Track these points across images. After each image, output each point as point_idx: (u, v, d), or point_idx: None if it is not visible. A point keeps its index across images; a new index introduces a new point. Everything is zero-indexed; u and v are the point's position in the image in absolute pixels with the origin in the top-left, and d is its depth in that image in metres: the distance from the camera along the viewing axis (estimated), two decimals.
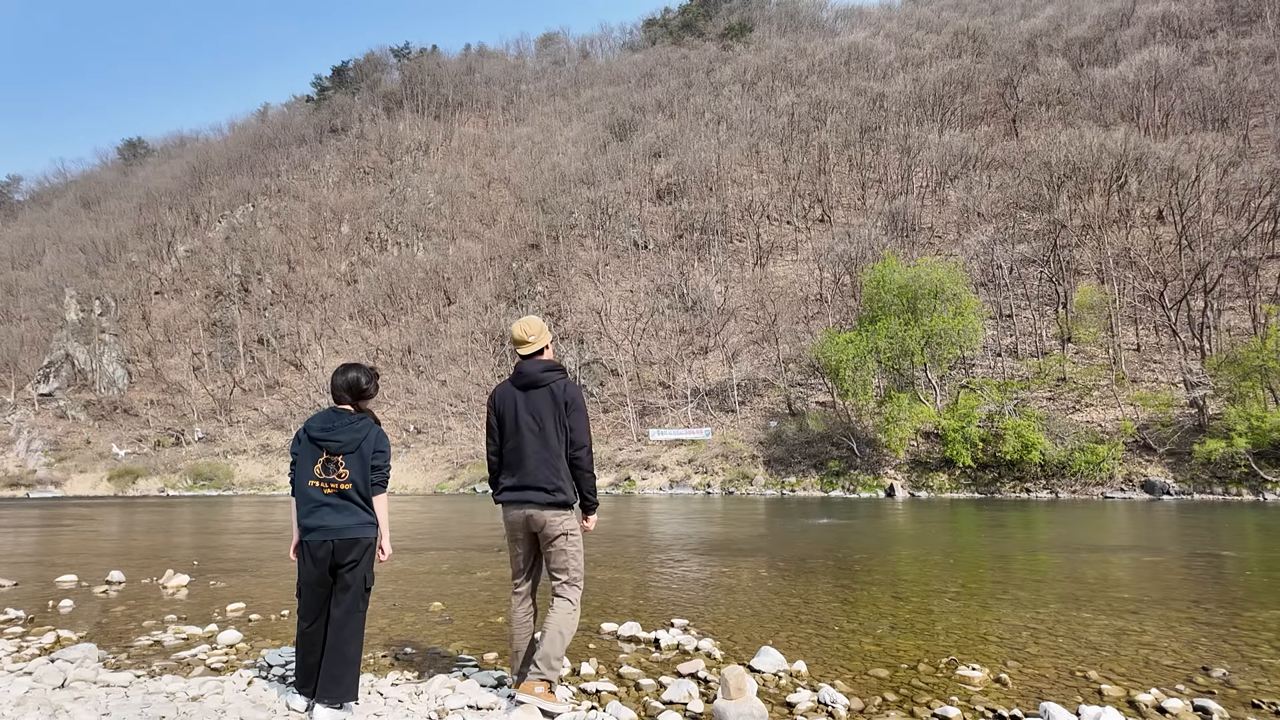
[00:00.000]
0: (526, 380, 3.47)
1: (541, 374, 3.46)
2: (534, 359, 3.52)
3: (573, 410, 3.43)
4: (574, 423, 3.43)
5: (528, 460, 3.40)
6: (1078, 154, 48.16)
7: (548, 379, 3.46)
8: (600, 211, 66.83)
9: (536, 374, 3.46)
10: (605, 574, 7.86)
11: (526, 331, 3.51)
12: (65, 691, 3.52)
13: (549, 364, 3.50)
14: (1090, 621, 5.23)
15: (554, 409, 3.41)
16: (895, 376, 35.46)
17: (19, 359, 65.92)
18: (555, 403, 3.42)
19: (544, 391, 3.44)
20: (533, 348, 3.52)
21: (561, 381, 3.47)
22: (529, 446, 3.40)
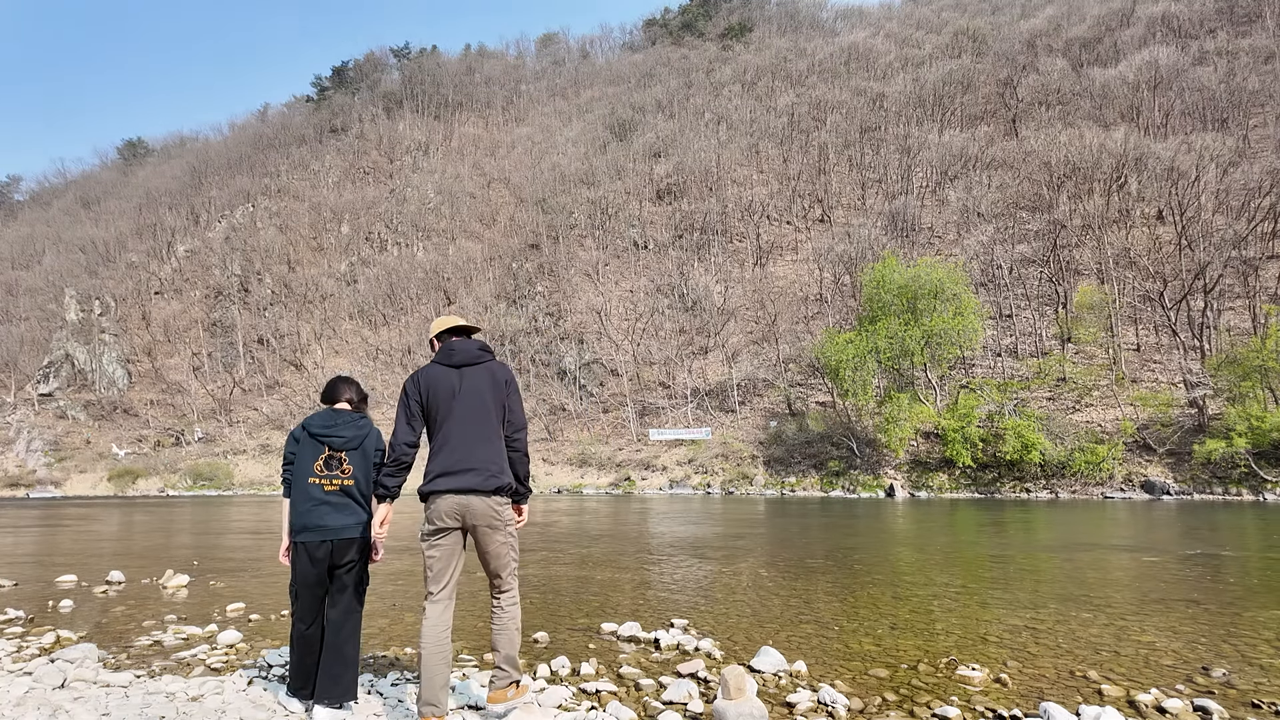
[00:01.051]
0: (462, 358, 3.22)
1: (478, 352, 3.25)
2: (467, 339, 3.32)
3: (512, 390, 3.23)
4: (513, 403, 3.21)
5: (467, 442, 3.09)
6: (1078, 154, 48.17)
7: (484, 357, 3.26)
8: (600, 211, 66.84)
9: (474, 351, 3.24)
10: (605, 574, 7.86)
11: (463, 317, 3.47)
12: (65, 691, 3.52)
13: (483, 344, 3.31)
14: (1090, 621, 5.23)
15: (493, 387, 3.18)
16: (895, 376, 35.46)
17: (19, 359, 65.90)
18: (494, 381, 3.19)
19: (482, 370, 3.21)
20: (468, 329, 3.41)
21: (496, 362, 3.29)
22: (468, 428, 3.11)
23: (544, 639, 4.73)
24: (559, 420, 48.77)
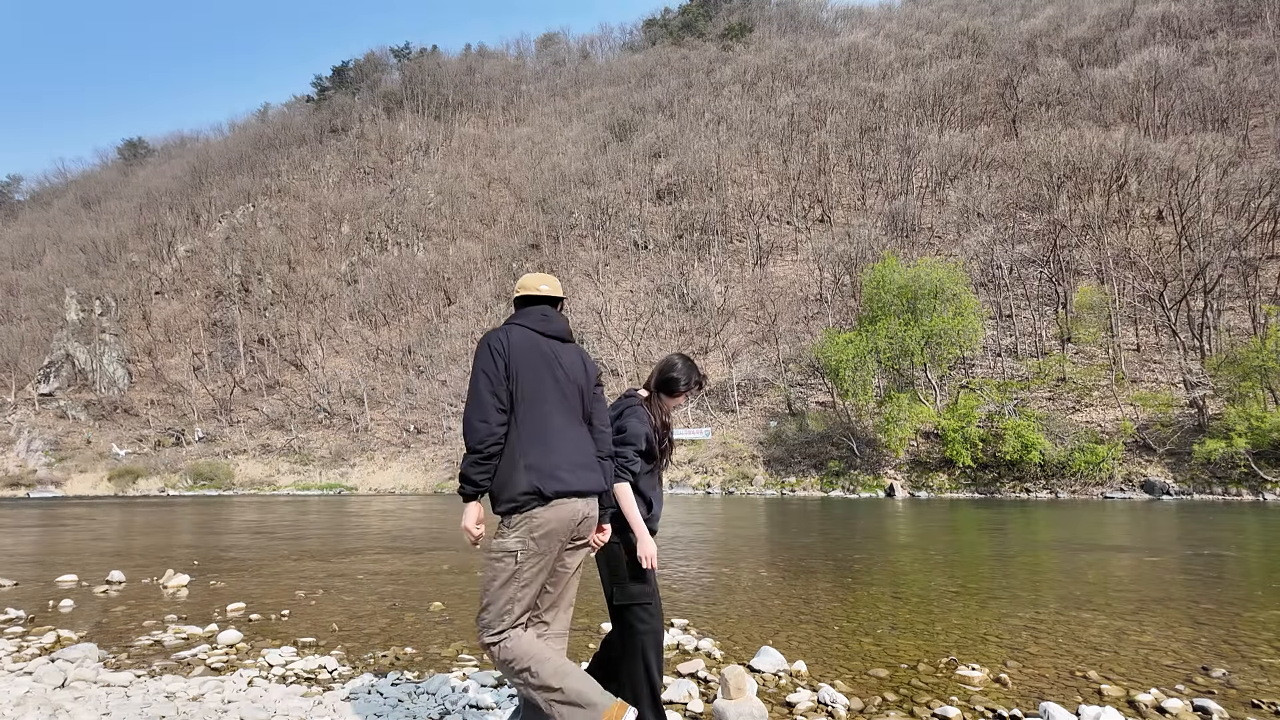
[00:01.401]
0: (558, 330, 2.63)
1: (569, 331, 2.72)
2: (558, 311, 2.73)
3: (599, 388, 2.70)
4: (600, 393, 2.70)
5: (571, 435, 2.53)
6: (1078, 154, 48.18)
7: (583, 357, 2.72)
8: (600, 211, 66.86)
9: (566, 328, 2.69)
10: None
11: (556, 285, 2.73)
12: (65, 691, 3.52)
13: (567, 329, 2.74)
14: (1090, 621, 5.23)
15: (585, 377, 2.63)
16: (895, 376, 35.47)
17: (19, 359, 65.94)
18: (587, 370, 2.65)
19: (574, 350, 2.66)
20: (553, 295, 2.72)
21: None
22: (572, 416, 2.56)
23: None
24: None
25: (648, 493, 2.88)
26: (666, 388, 2.99)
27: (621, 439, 2.79)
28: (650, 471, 2.89)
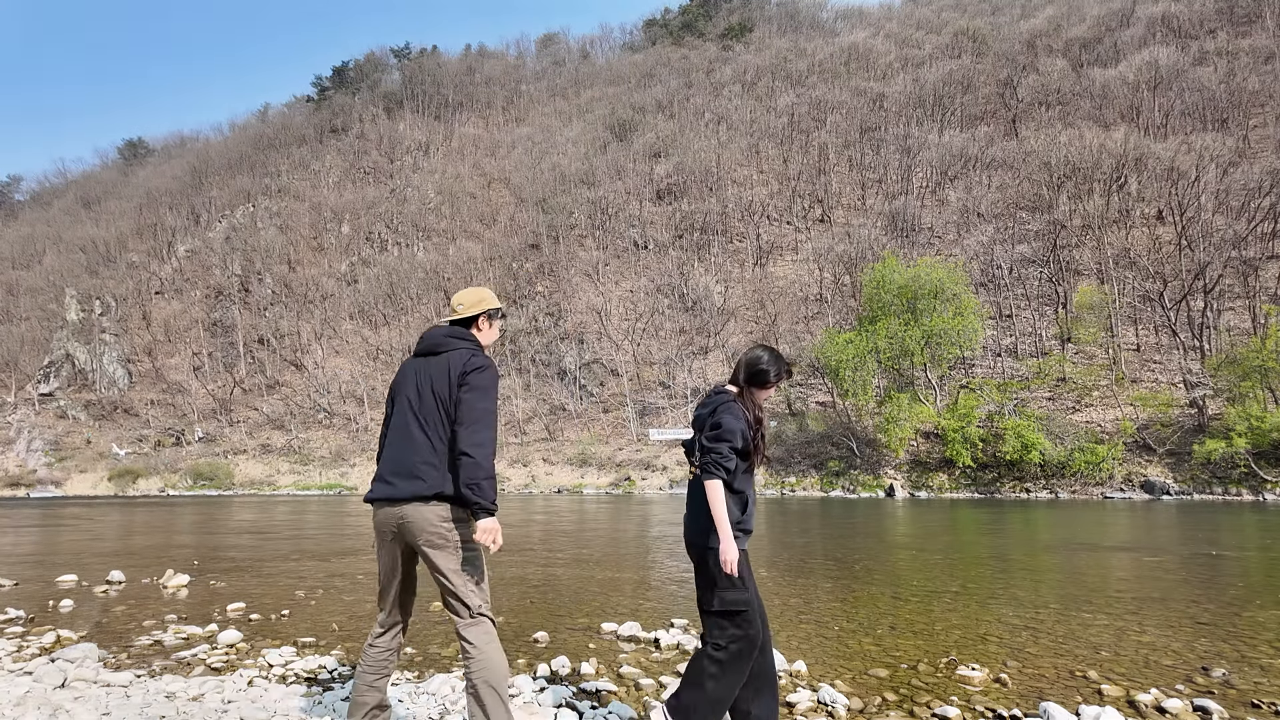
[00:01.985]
0: (425, 346, 2.83)
1: (444, 339, 2.81)
2: (451, 326, 2.88)
3: (466, 386, 2.67)
4: (464, 396, 2.65)
5: (400, 446, 2.69)
6: (1078, 154, 48.16)
7: (449, 345, 2.79)
8: (600, 211, 66.85)
9: (438, 339, 2.81)
10: (605, 574, 7.86)
11: (460, 299, 2.92)
12: (65, 691, 3.52)
13: (461, 332, 2.85)
14: (1090, 621, 5.24)
15: (446, 380, 2.69)
16: (895, 376, 35.47)
17: (19, 359, 65.92)
18: (449, 372, 2.69)
19: (441, 360, 2.75)
20: (458, 316, 2.90)
21: (466, 352, 2.76)
22: (406, 430, 2.70)
23: (544, 639, 4.73)
24: (559, 420, 48.79)
25: (745, 490, 2.81)
26: (757, 381, 2.92)
27: (717, 435, 2.73)
28: (747, 470, 2.84)
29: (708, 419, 2.83)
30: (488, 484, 2.56)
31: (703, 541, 2.77)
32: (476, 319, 2.93)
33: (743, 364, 2.96)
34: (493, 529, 2.58)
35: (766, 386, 2.94)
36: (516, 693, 3.50)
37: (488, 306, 2.93)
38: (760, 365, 2.92)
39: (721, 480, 2.68)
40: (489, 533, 2.57)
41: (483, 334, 2.95)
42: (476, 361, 2.73)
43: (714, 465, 2.69)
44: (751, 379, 2.93)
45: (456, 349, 2.79)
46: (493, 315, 2.97)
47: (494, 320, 2.99)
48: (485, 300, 2.94)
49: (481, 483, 2.55)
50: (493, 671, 2.58)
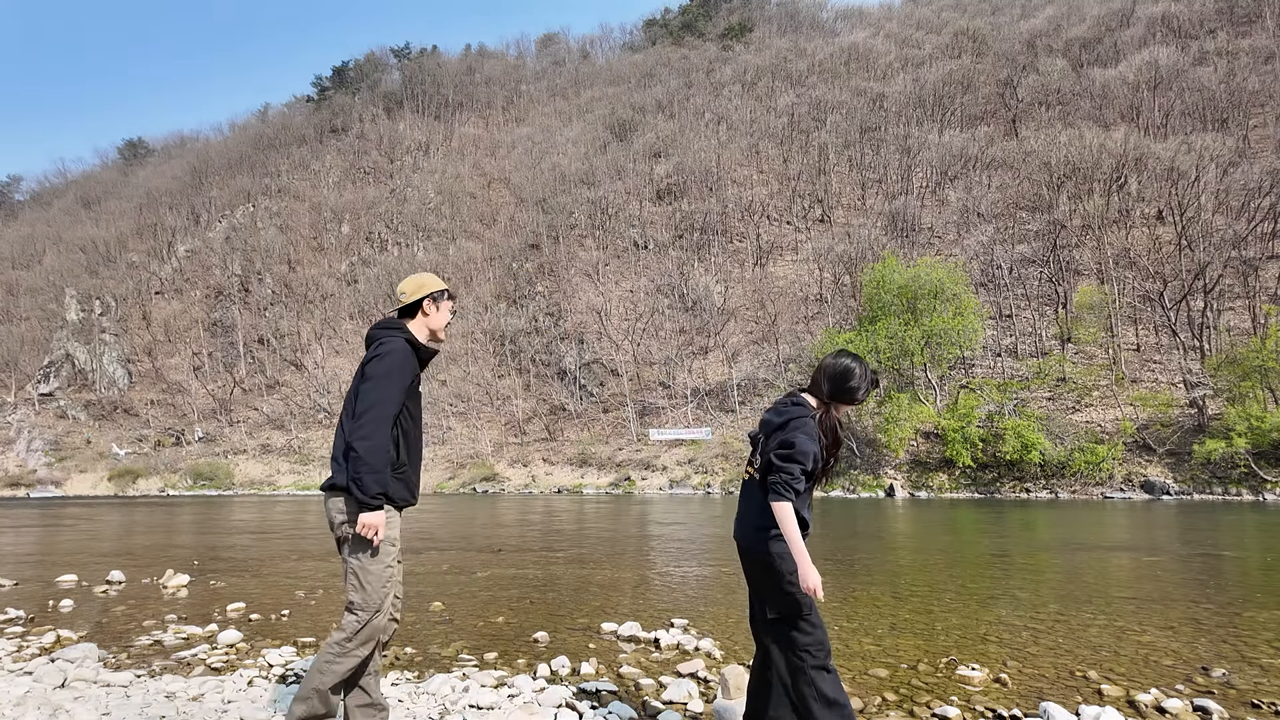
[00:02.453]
0: (368, 339, 2.87)
1: (373, 330, 2.83)
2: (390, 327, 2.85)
3: (363, 377, 2.68)
4: (360, 388, 2.65)
5: (337, 434, 2.75)
6: (1078, 154, 48.16)
7: (373, 336, 2.81)
8: (600, 211, 66.85)
9: (370, 331, 2.85)
10: (605, 574, 7.86)
11: (402, 287, 2.93)
12: (65, 691, 3.52)
13: (390, 321, 2.85)
14: (1090, 621, 5.24)
15: (356, 379, 2.74)
16: (895, 376, 35.47)
17: (19, 359, 65.92)
18: (359, 373, 2.74)
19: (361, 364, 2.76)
20: (401, 304, 2.92)
21: (382, 337, 2.76)
22: (341, 418, 2.77)
23: (544, 639, 4.73)
24: (559, 420, 48.79)
25: (802, 511, 2.61)
26: (843, 397, 2.67)
27: (789, 455, 2.51)
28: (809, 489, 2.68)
29: (776, 428, 2.63)
30: (370, 478, 2.53)
31: (760, 548, 2.61)
32: (420, 304, 2.90)
33: (826, 375, 2.68)
34: (370, 523, 2.56)
35: (853, 403, 2.70)
36: (516, 693, 3.51)
37: (429, 290, 2.89)
38: (850, 381, 2.65)
39: (790, 501, 2.50)
40: (366, 527, 2.56)
41: (430, 318, 2.92)
42: (375, 351, 2.71)
43: (783, 486, 2.48)
44: (837, 394, 2.67)
45: (375, 339, 2.78)
46: (437, 298, 2.92)
47: (440, 302, 2.93)
48: (426, 284, 2.90)
49: (363, 477, 2.53)
50: (322, 667, 2.55)
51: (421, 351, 2.86)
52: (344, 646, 2.58)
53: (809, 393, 2.73)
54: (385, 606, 2.67)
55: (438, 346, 3.02)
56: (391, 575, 2.70)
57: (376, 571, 2.64)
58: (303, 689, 2.56)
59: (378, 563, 2.64)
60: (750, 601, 2.81)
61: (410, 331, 2.85)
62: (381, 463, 2.58)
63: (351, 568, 2.63)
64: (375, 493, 2.56)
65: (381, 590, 2.65)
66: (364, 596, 2.61)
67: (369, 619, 2.61)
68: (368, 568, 2.62)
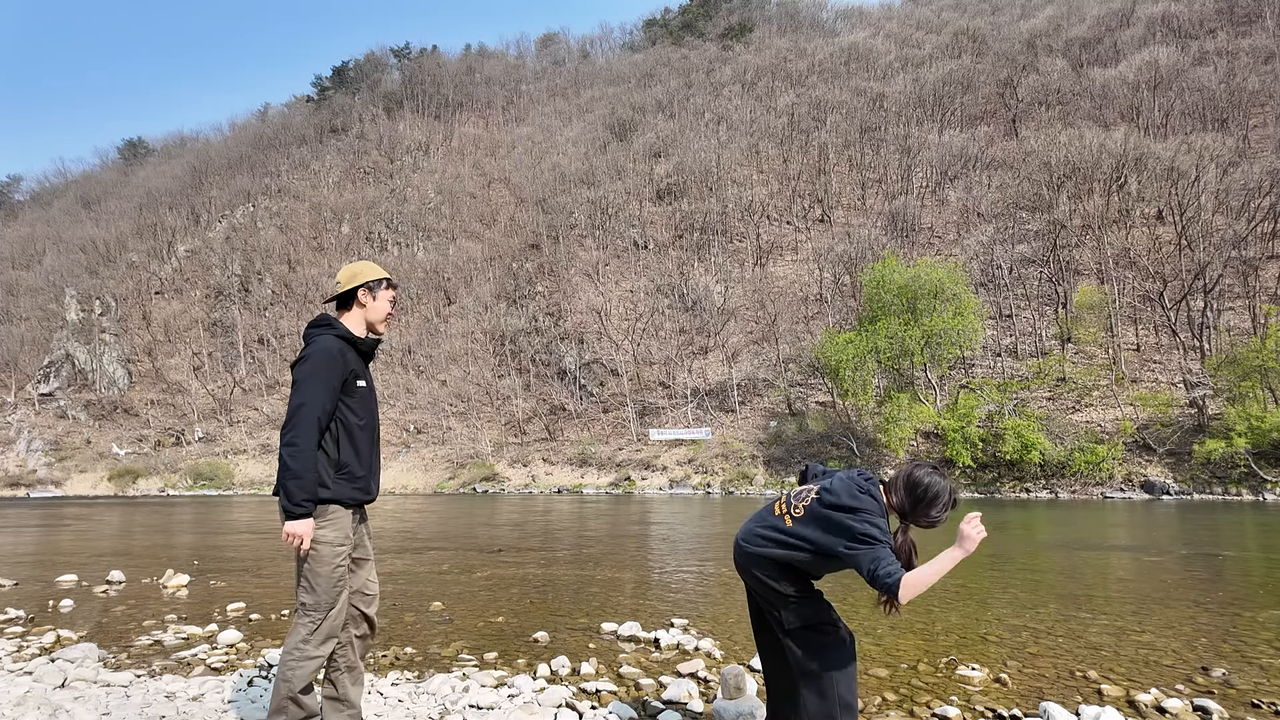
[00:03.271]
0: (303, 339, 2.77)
1: (307, 331, 2.76)
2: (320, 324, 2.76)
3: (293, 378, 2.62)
4: (291, 392, 2.61)
5: None
6: (1078, 154, 48.17)
7: (307, 336, 2.73)
8: (600, 211, 66.84)
9: (305, 331, 2.77)
10: (605, 574, 7.86)
11: (339, 276, 2.84)
12: (65, 691, 3.52)
13: (321, 318, 2.77)
14: (1090, 621, 5.24)
15: None
16: (895, 376, 35.48)
17: (19, 359, 65.93)
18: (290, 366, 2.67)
19: None
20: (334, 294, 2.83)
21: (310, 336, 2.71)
22: None
23: (544, 638, 4.73)
24: (559, 420, 48.79)
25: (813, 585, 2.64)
26: (921, 520, 2.47)
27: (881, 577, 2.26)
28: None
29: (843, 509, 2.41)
30: (294, 484, 2.48)
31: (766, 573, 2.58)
32: (355, 294, 2.79)
33: (908, 490, 2.45)
34: (294, 531, 2.50)
35: (929, 527, 2.48)
36: (516, 693, 3.51)
37: (364, 279, 2.78)
38: (934, 510, 2.42)
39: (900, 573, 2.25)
40: (291, 536, 2.51)
41: (367, 309, 2.81)
42: (301, 354, 2.65)
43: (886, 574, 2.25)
44: (914, 514, 2.45)
45: (307, 340, 2.71)
46: (373, 287, 2.80)
47: (376, 292, 2.81)
48: (360, 273, 2.79)
49: (287, 484, 2.49)
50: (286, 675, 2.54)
51: (359, 344, 2.77)
52: (303, 649, 2.56)
53: (890, 498, 2.50)
54: (340, 605, 2.64)
55: (378, 337, 2.92)
56: (341, 576, 2.64)
57: (325, 574, 2.60)
58: (275, 702, 2.55)
59: (324, 564, 2.59)
60: (753, 608, 2.82)
61: (343, 326, 2.75)
62: (306, 468, 2.52)
63: (302, 570, 2.60)
64: (300, 499, 2.50)
65: (333, 591, 2.61)
66: (315, 598, 2.59)
67: (323, 619, 2.59)
68: (315, 570, 2.59)
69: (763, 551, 2.58)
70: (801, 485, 2.77)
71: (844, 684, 2.51)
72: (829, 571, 2.61)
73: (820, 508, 2.49)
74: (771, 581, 2.56)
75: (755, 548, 2.61)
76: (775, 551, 2.56)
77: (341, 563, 2.65)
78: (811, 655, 2.53)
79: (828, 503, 2.48)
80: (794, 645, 2.57)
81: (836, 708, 2.49)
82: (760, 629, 2.84)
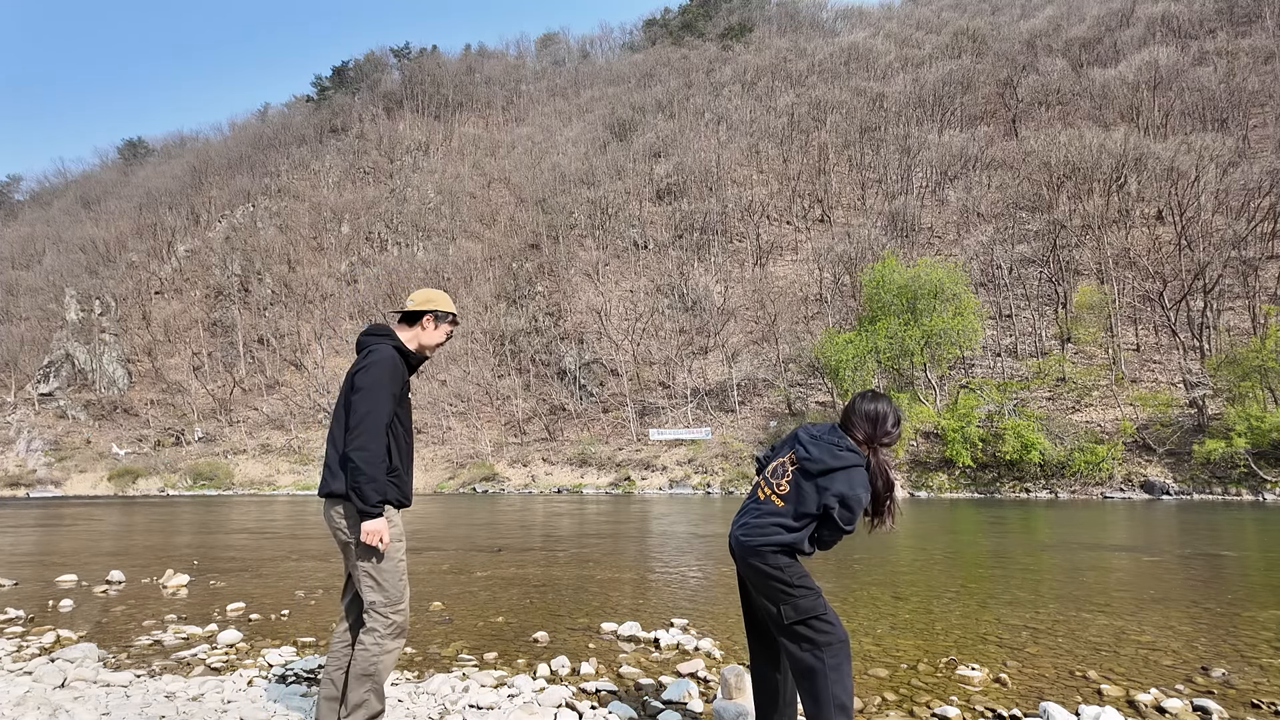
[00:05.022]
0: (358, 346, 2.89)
1: (362, 336, 2.87)
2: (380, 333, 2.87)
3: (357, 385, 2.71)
4: (352, 399, 2.70)
5: (330, 440, 2.82)
6: (1077, 154, 48.17)
7: (362, 343, 2.85)
8: (600, 211, 66.85)
9: (360, 337, 2.88)
10: (605, 574, 7.86)
11: (412, 295, 2.96)
12: (65, 691, 3.52)
13: (379, 328, 2.86)
14: (1090, 621, 5.24)
15: (349, 380, 2.77)
16: (895, 376, 35.48)
17: (19, 359, 65.93)
18: (349, 382, 2.77)
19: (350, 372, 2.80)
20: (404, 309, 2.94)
21: (365, 351, 2.80)
22: (332, 423, 2.82)
23: (544, 638, 4.73)
24: (559, 420, 48.80)
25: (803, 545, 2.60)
26: (882, 440, 2.66)
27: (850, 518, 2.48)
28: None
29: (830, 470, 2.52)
30: (369, 487, 2.62)
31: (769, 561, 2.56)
32: (422, 317, 2.93)
33: (863, 418, 2.65)
34: (373, 530, 2.65)
35: (889, 446, 2.68)
36: (516, 693, 3.51)
37: (435, 307, 2.94)
38: (886, 425, 2.64)
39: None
40: (370, 535, 2.65)
41: (425, 333, 2.95)
42: (363, 360, 2.76)
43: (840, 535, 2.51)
44: (874, 438, 2.64)
45: (364, 347, 2.84)
46: (440, 318, 2.96)
47: (440, 323, 2.97)
48: (435, 301, 2.95)
49: (362, 487, 2.62)
50: (367, 669, 2.64)
51: (410, 358, 2.90)
52: (381, 645, 2.69)
53: (851, 432, 2.66)
54: (407, 598, 2.79)
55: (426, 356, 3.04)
56: (404, 570, 2.81)
57: (389, 569, 2.73)
58: (355, 697, 2.66)
59: (389, 560, 2.73)
60: (747, 607, 2.81)
61: (399, 339, 2.89)
62: (379, 471, 2.65)
63: (364, 570, 2.71)
64: (375, 501, 2.64)
65: (399, 584, 2.75)
66: (384, 594, 2.72)
67: (395, 614, 2.73)
68: (381, 568, 2.72)
69: (766, 539, 2.58)
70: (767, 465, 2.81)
71: (839, 684, 2.50)
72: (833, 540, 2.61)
73: (806, 473, 2.56)
74: (775, 570, 2.55)
75: (756, 537, 2.60)
76: (778, 536, 2.56)
77: (402, 558, 2.80)
78: (807, 653, 2.53)
79: (815, 469, 2.55)
80: (789, 642, 2.57)
81: (831, 708, 2.48)
82: (754, 626, 2.83)
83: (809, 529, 2.54)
